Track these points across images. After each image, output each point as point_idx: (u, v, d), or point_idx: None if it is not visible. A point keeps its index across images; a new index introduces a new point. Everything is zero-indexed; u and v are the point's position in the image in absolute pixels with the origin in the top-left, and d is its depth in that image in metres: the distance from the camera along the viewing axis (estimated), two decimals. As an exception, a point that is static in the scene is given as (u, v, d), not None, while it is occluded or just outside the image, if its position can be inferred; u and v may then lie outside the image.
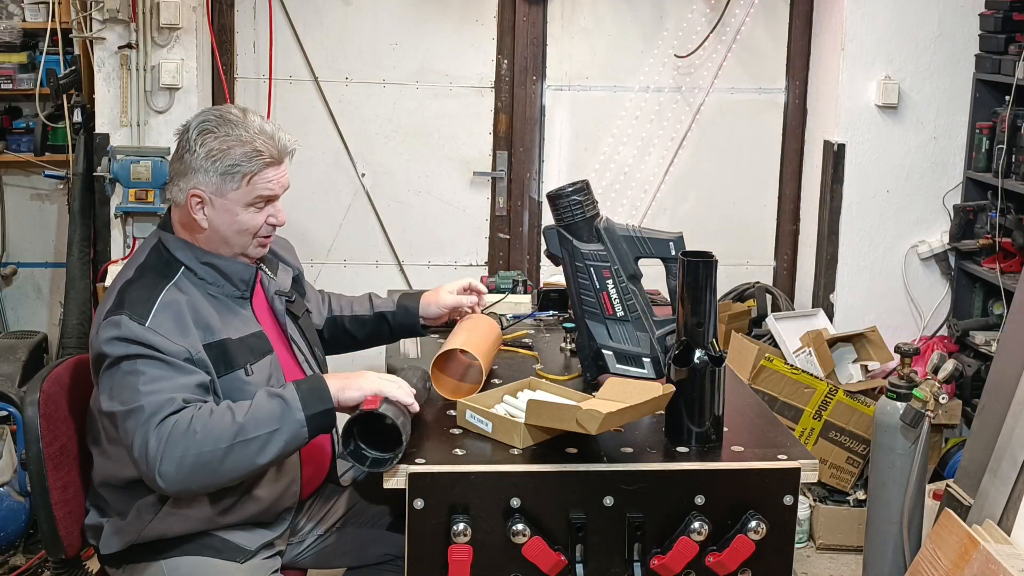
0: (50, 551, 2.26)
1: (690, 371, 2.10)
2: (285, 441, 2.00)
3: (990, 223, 3.93)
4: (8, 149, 4.12)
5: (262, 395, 2.03)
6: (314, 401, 2.01)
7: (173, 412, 1.98)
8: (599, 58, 4.29)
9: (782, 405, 3.73)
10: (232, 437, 1.96)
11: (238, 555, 2.17)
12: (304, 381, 2.07)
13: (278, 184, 2.17)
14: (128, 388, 2.01)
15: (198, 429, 1.96)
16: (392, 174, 4.30)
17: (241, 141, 2.12)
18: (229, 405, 2.02)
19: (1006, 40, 3.88)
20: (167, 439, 1.95)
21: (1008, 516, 2.60)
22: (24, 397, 2.23)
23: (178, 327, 2.07)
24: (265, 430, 1.97)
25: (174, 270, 2.16)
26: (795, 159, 4.42)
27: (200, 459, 1.96)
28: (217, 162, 2.11)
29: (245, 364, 2.15)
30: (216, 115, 2.16)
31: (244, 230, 2.17)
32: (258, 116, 2.20)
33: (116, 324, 2.04)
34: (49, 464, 2.20)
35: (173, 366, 2.03)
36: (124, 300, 2.08)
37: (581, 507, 2.01)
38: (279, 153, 2.16)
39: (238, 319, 2.19)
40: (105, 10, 3.75)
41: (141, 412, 1.98)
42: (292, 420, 1.99)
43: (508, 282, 3.17)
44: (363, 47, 4.21)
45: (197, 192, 2.13)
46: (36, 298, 4.36)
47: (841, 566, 3.67)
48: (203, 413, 1.99)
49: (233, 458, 1.97)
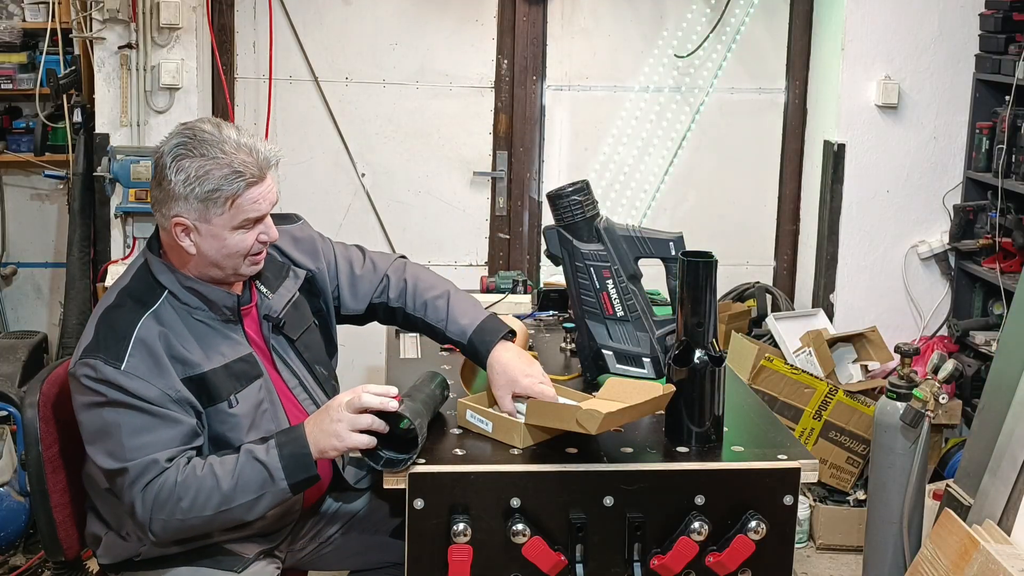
0: (50, 553, 2.26)
1: (690, 371, 2.10)
2: (270, 504, 2.01)
3: (990, 223, 3.93)
4: (8, 149, 4.12)
5: (245, 458, 1.98)
6: (297, 470, 1.98)
7: (157, 475, 1.96)
8: (599, 58, 4.29)
9: (782, 405, 3.73)
10: (216, 506, 1.97)
11: (235, 564, 2.15)
12: (287, 443, 1.99)
13: (265, 202, 2.04)
14: (112, 440, 1.98)
15: (182, 496, 1.95)
16: (392, 174, 4.30)
17: (218, 163, 1.98)
18: (213, 468, 1.97)
19: (1006, 40, 3.88)
20: (152, 505, 1.96)
21: (1008, 516, 2.60)
22: (23, 399, 2.22)
23: (154, 367, 1.99)
24: (250, 497, 1.97)
25: (156, 296, 2.07)
26: (795, 159, 4.42)
27: (186, 523, 1.98)
28: (196, 188, 1.98)
29: (229, 396, 2.07)
30: (189, 136, 2.01)
31: (234, 253, 2.05)
32: (234, 129, 2.04)
33: (92, 368, 1.97)
34: (48, 467, 2.20)
35: (155, 416, 1.97)
36: (101, 335, 2.01)
37: (581, 507, 2.01)
38: (260, 170, 2.02)
39: (226, 343, 2.10)
40: (105, 10, 3.75)
41: (126, 474, 1.97)
42: (276, 488, 1.98)
43: (508, 282, 3.17)
44: (363, 47, 4.21)
45: (179, 221, 2.01)
46: (36, 298, 4.36)
47: (841, 566, 3.67)
48: (187, 479, 1.96)
49: (219, 520, 2.00)
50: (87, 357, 1.99)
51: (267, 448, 1.99)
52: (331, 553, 2.41)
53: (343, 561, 2.43)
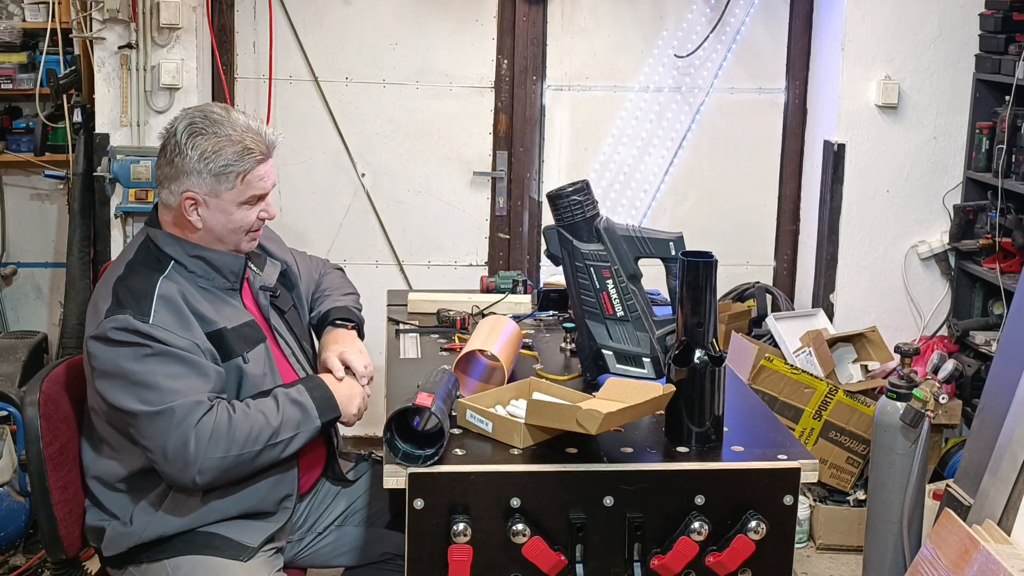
0: (50, 551, 2.26)
1: (690, 371, 2.10)
2: (303, 441, 2.17)
3: (990, 223, 3.93)
4: (8, 149, 4.12)
5: (283, 399, 2.15)
6: (327, 410, 2.20)
7: (205, 412, 2.05)
8: (599, 58, 4.29)
9: (782, 405, 3.73)
10: (266, 440, 2.10)
11: (241, 553, 2.18)
12: (314, 387, 2.21)
13: (269, 180, 2.21)
14: (150, 388, 2.04)
15: (237, 431, 2.07)
16: (392, 174, 4.30)
17: (231, 140, 2.14)
18: (259, 407, 2.13)
19: (1006, 40, 3.88)
20: (208, 441, 2.04)
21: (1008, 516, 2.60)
22: (24, 397, 2.23)
23: (179, 320, 2.11)
24: (290, 433, 2.14)
25: (164, 264, 2.18)
26: (795, 159, 4.42)
27: (239, 459, 2.08)
28: (210, 163, 2.13)
29: (242, 352, 2.19)
30: (201, 115, 2.17)
31: (238, 228, 2.21)
32: (240, 113, 2.22)
33: (121, 323, 2.06)
34: (49, 464, 2.20)
35: (189, 363, 2.08)
36: (121, 297, 2.10)
37: (581, 507, 2.01)
38: (267, 148, 2.19)
39: (230, 309, 2.23)
40: (105, 10, 3.75)
41: (172, 414, 2.03)
42: (311, 425, 2.17)
43: (508, 282, 3.17)
44: (363, 47, 4.21)
45: (191, 195, 2.15)
46: (36, 298, 4.36)
47: (841, 566, 3.67)
48: (239, 416, 2.09)
49: (263, 457, 2.12)
50: (114, 315, 2.07)
51: (298, 391, 2.18)
52: (329, 547, 2.44)
53: (342, 555, 2.46)
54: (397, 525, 2.37)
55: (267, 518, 2.25)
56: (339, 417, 2.23)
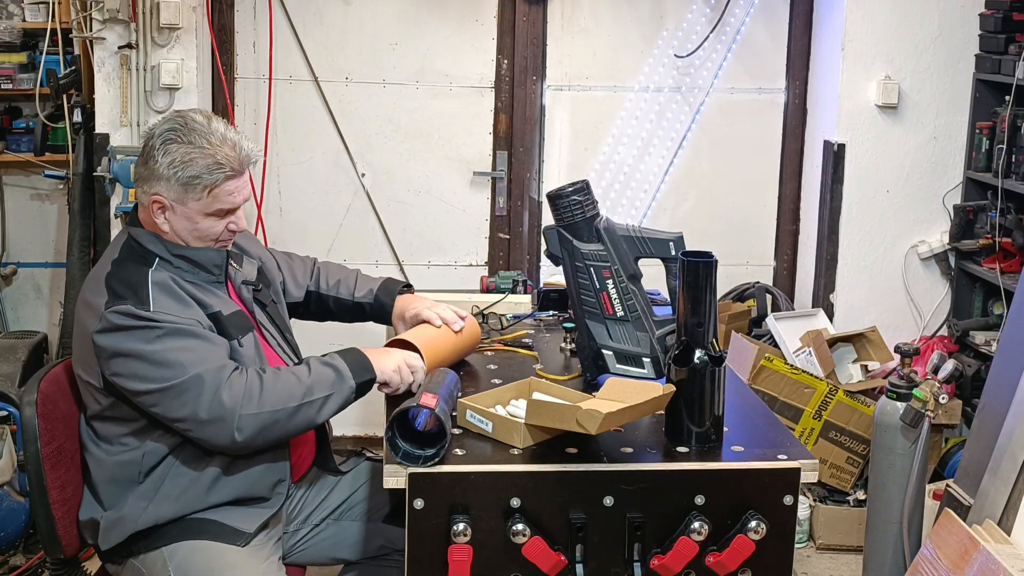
0: (49, 551, 2.27)
1: (690, 371, 2.10)
2: (338, 404, 2.18)
3: (990, 223, 3.93)
4: (8, 149, 4.12)
5: (315, 363, 2.19)
6: (361, 371, 2.20)
7: (234, 370, 2.09)
8: (599, 58, 4.29)
9: (782, 405, 3.73)
10: (301, 397, 2.12)
11: (238, 538, 2.20)
12: (347, 353, 2.22)
13: (239, 195, 2.21)
14: (171, 365, 2.07)
15: (270, 387, 2.10)
16: (392, 174, 4.30)
17: (204, 152, 2.14)
18: (291, 368, 2.17)
19: (1006, 40, 3.88)
20: (243, 395, 2.07)
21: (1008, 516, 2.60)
22: (22, 397, 2.23)
23: (179, 303, 2.14)
24: (324, 393, 2.15)
25: (150, 260, 2.21)
26: (795, 159, 4.42)
27: (275, 416, 2.09)
28: (179, 172, 2.14)
29: (236, 337, 2.22)
30: (180, 123, 2.18)
31: (204, 236, 2.22)
32: (222, 123, 2.21)
33: (124, 311, 2.08)
34: (47, 464, 2.21)
35: (200, 336, 2.11)
36: (117, 289, 2.13)
37: (581, 507, 2.01)
38: (240, 165, 2.18)
39: (219, 300, 2.25)
40: (105, 10, 3.75)
41: (200, 381, 2.06)
42: (345, 386, 2.17)
43: (508, 282, 3.17)
44: (363, 47, 4.21)
45: (158, 199, 2.17)
46: (36, 298, 4.36)
47: (841, 566, 3.67)
48: (269, 376, 2.12)
49: (300, 416, 2.13)
50: (113, 306, 2.09)
51: (331, 356, 2.21)
52: (327, 541, 2.46)
53: (340, 550, 2.47)
54: (394, 519, 2.39)
55: (261, 503, 2.26)
56: (374, 379, 2.22)
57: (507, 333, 2.82)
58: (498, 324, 2.89)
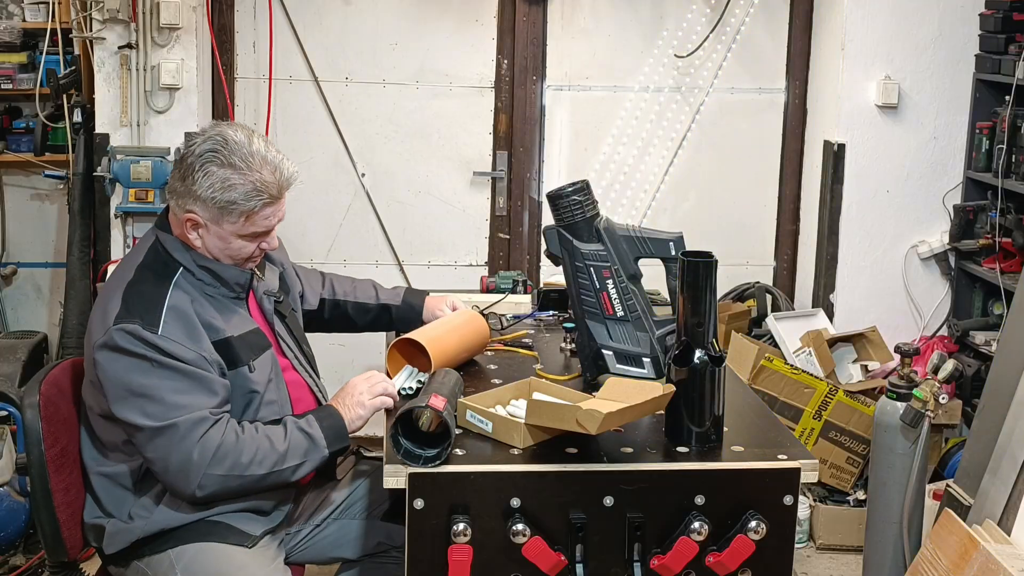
0: (52, 554, 2.26)
1: (690, 371, 2.10)
2: (310, 468, 2.19)
3: (990, 223, 3.93)
4: (8, 149, 4.12)
5: (291, 427, 2.16)
6: (335, 439, 2.19)
7: (209, 428, 2.06)
8: (599, 58, 4.29)
9: (782, 405, 3.73)
10: (271, 466, 2.12)
11: (245, 540, 2.21)
12: (325, 418, 2.20)
13: (275, 218, 2.20)
14: (155, 401, 2.05)
15: (243, 451, 2.09)
16: (392, 174, 4.30)
17: (244, 178, 2.12)
18: (266, 432, 2.14)
19: (1006, 40, 3.88)
20: (212, 457, 2.06)
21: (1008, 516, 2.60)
22: (23, 399, 2.22)
23: (188, 332, 2.11)
24: (297, 461, 2.14)
25: (173, 270, 2.18)
26: (795, 159, 4.42)
27: (242, 479, 2.10)
28: (217, 196, 2.12)
29: (248, 361, 2.20)
30: (221, 143, 2.13)
31: (235, 255, 2.21)
32: (263, 142, 2.19)
33: (130, 331, 2.06)
34: (51, 467, 2.20)
35: (194, 378, 2.08)
36: (131, 304, 2.10)
37: (581, 507, 2.01)
38: (279, 190, 2.17)
39: (236, 317, 2.24)
40: (105, 10, 3.75)
41: (175, 430, 2.04)
42: (319, 455, 2.17)
43: (508, 282, 3.17)
44: (363, 47, 4.21)
45: (192, 217, 2.16)
46: (36, 298, 4.36)
47: (841, 566, 3.67)
48: (246, 437, 2.10)
49: (269, 480, 2.14)
50: (122, 323, 2.07)
51: (308, 422, 2.18)
52: (328, 540, 2.46)
53: (339, 549, 2.47)
54: (393, 516, 2.39)
55: (264, 515, 2.26)
56: (348, 447, 2.23)
57: (507, 333, 2.82)
58: (498, 324, 2.89)
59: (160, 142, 3.87)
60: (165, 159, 3.79)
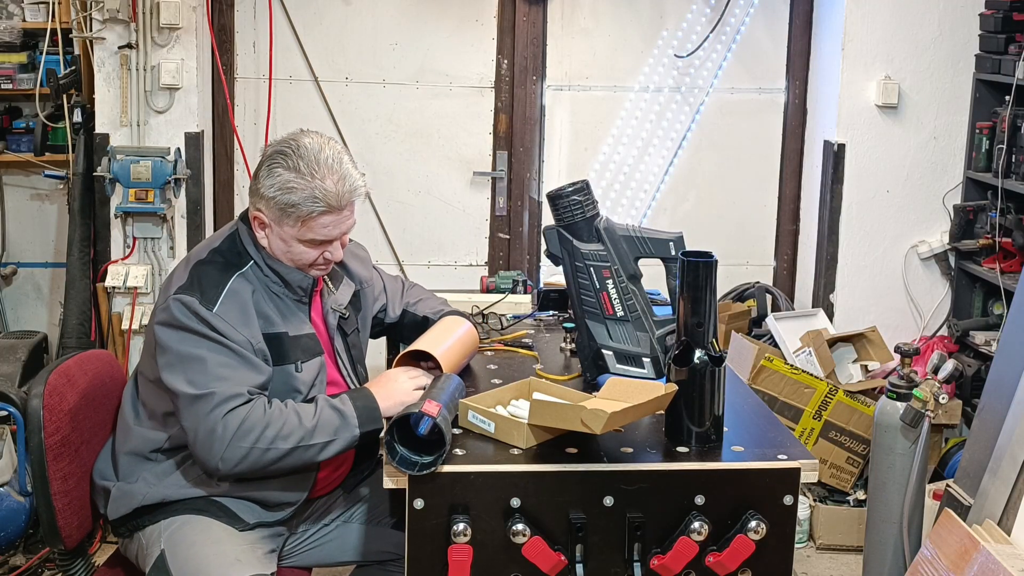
0: (49, 542, 2.30)
1: (690, 371, 2.10)
2: (340, 448, 2.17)
3: (990, 223, 3.93)
4: (8, 149, 4.12)
5: (323, 404, 2.17)
6: (368, 420, 2.18)
7: (242, 404, 2.09)
8: (599, 58, 4.29)
9: (782, 405, 3.73)
10: (298, 440, 2.11)
11: (235, 523, 2.23)
12: (359, 398, 2.20)
13: (336, 229, 2.22)
14: (197, 371, 2.10)
15: (269, 425, 2.09)
16: (392, 174, 4.30)
17: (305, 183, 2.15)
18: (295, 408, 2.14)
19: (1006, 40, 3.88)
20: (237, 430, 2.07)
21: (1008, 516, 2.60)
22: (30, 389, 2.26)
23: (242, 317, 2.16)
24: (326, 438, 2.14)
25: (244, 261, 2.24)
26: (795, 159, 4.42)
27: (265, 454, 2.10)
28: (278, 196, 2.16)
29: (296, 360, 2.23)
30: (292, 147, 2.18)
31: (297, 259, 2.24)
32: (335, 150, 2.21)
33: (187, 304, 2.13)
34: (49, 455, 2.23)
35: (239, 356, 2.13)
36: (196, 280, 2.17)
37: (581, 507, 2.01)
38: (338, 201, 2.18)
39: (295, 318, 2.28)
40: (105, 10, 3.75)
41: (211, 398, 2.08)
42: (349, 434, 2.16)
43: (508, 282, 3.17)
44: (363, 47, 4.21)
45: (259, 215, 2.22)
46: (36, 298, 4.36)
47: (841, 566, 3.67)
48: (273, 412, 2.11)
49: (293, 457, 2.13)
50: (182, 294, 2.14)
51: (342, 400, 2.19)
52: (333, 543, 2.46)
53: (345, 552, 2.47)
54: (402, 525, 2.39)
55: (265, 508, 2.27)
56: (381, 429, 2.21)
57: (507, 333, 2.82)
58: (498, 324, 2.89)
59: (160, 142, 3.87)
60: (165, 159, 3.79)
